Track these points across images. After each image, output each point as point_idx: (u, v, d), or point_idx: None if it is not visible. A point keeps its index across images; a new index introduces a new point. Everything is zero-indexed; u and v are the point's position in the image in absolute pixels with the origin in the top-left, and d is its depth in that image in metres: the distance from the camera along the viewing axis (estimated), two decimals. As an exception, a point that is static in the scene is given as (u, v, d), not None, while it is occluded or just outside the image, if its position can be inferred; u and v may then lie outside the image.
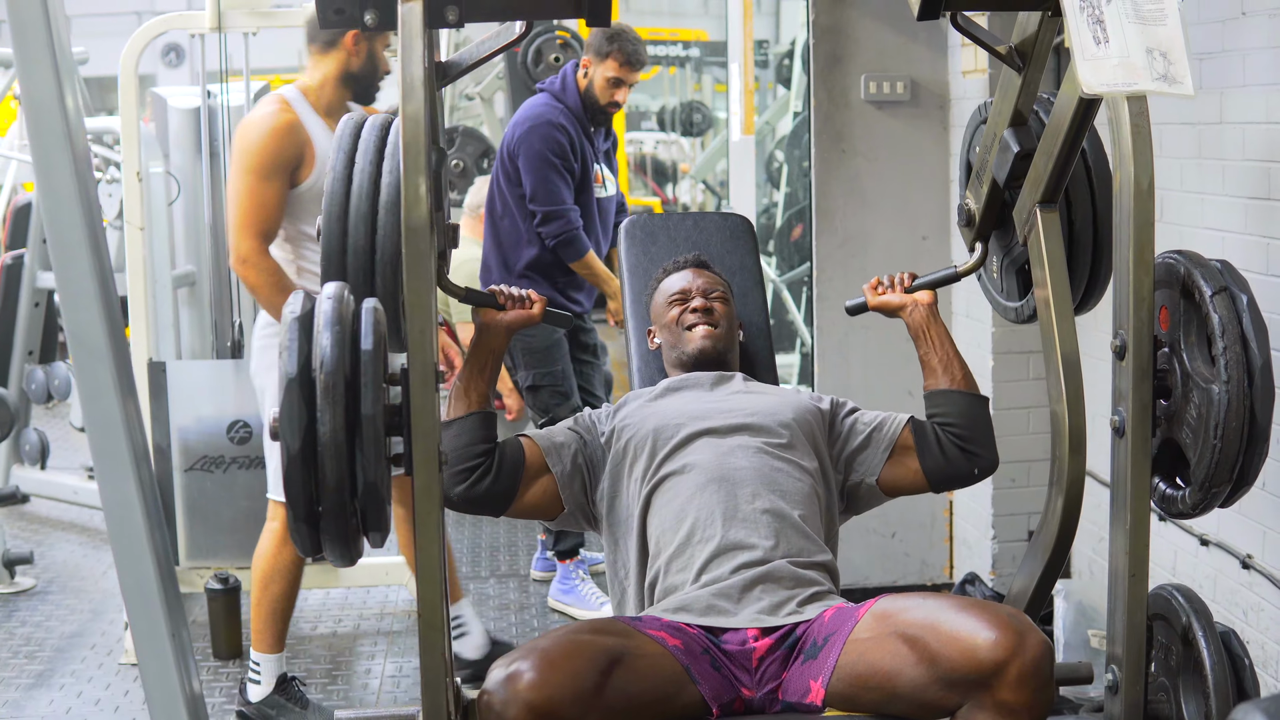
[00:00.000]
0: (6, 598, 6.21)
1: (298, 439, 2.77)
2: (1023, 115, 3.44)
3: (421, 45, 2.84)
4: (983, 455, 3.60)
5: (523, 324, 3.58)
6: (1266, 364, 2.98)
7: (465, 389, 3.52)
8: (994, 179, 3.52)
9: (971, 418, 3.60)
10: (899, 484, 3.61)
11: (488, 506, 3.51)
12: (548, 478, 3.51)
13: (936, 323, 3.66)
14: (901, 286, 3.71)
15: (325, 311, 2.86)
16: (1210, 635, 3.08)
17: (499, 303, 3.56)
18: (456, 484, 3.43)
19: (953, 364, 3.64)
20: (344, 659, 5.48)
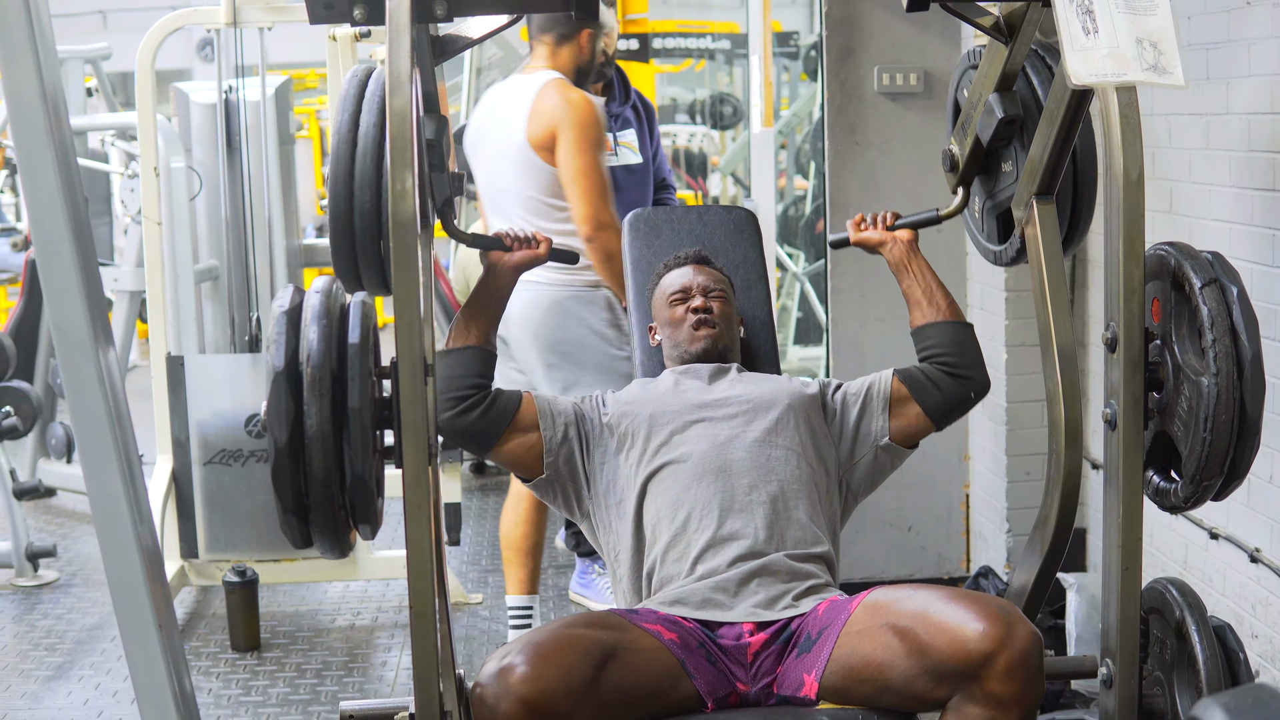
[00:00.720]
0: (29, 590, 6.26)
1: (285, 432, 2.80)
2: (1009, 80, 3.44)
3: (409, 39, 2.84)
4: (974, 377, 3.64)
5: (530, 263, 3.63)
6: (1257, 356, 2.96)
7: (467, 324, 3.57)
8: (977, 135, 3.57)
9: (959, 343, 3.64)
10: (908, 431, 3.64)
11: (471, 441, 3.57)
12: (535, 437, 3.54)
13: (917, 256, 3.73)
14: (884, 225, 3.78)
15: (313, 306, 2.88)
16: (1203, 629, 3.08)
17: (506, 244, 3.61)
18: (445, 410, 3.49)
19: (935, 294, 3.69)
20: (361, 651, 5.50)
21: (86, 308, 2.72)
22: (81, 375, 2.74)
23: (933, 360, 3.63)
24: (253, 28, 5.77)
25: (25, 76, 2.61)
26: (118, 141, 7.62)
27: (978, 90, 3.51)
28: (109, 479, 2.79)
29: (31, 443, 7.53)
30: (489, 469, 8.19)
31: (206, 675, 5.24)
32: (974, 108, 3.53)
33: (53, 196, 2.63)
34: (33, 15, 2.57)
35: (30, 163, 2.66)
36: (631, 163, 5.64)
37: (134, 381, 9.25)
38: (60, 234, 2.68)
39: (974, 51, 3.65)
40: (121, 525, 2.81)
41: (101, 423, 2.77)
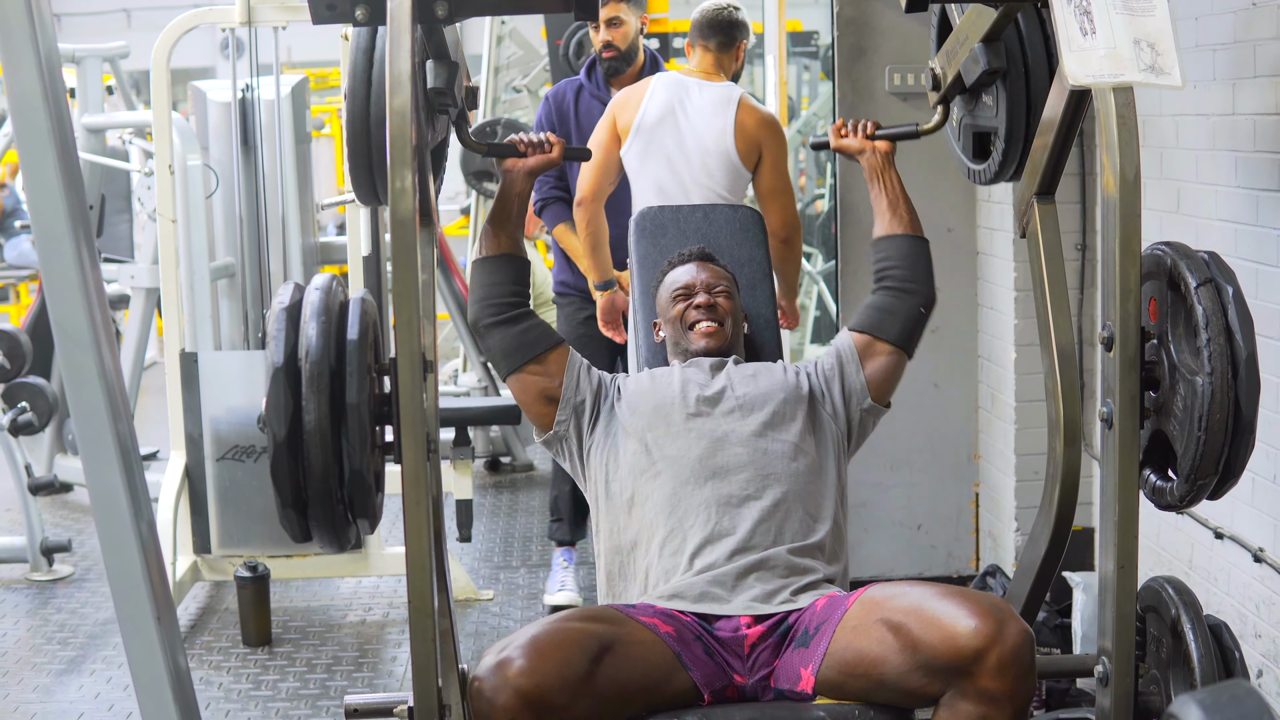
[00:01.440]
0: (44, 585, 6.30)
1: (284, 427, 2.82)
2: (997, 32, 3.45)
3: (409, 40, 2.87)
4: (919, 290, 3.72)
5: (544, 167, 3.70)
6: (1252, 356, 2.97)
7: (495, 232, 3.66)
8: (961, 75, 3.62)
9: (910, 255, 3.73)
10: (884, 377, 3.69)
11: (497, 355, 3.65)
12: (554, 384, 3.62)
13: (891, 168, 3.80)
14: (864, 133, 3.82)
15: (312, 302, 2.91)
16: (1198, 628, 3.08)
17: (520, 150, 3.68)
18: (485, 316, 3.61)
19: (899, 205, 3.78)
20: (372, 646, 5.53)
21: (86, 304, 2.75)
22: (81, 371, 2.77)
23: (882, 275, 3.72)
24: (268, 27, 5.80)
25: (27, 75, 2.63)
26: (136, 140, 7.66)
27: (964, 31, 3.51)
28: (109, 474, 2.82)
29: (48, 438, 7.58)
30: (502, 466, 8.21)
31: (217, 669, 5.27)
32: (960, 45, 3.55)
33: (54, 194, 2.66)
34: (34, 14, 2.60)
35: (32, 161, 2.68)
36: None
37: (151, 378, 9.29)
38: (61, 231, 2.71)
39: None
40: (120, 519, 2.84)
41: (101, 418, 2.80)
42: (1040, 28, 3.50)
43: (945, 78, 3.69)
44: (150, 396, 9.03)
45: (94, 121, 7.63)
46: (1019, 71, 3.52)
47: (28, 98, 2.64)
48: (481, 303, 3.62)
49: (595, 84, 5.66)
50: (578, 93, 5.67)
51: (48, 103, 2.65)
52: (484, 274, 3.64)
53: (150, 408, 8.98)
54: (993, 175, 3.70)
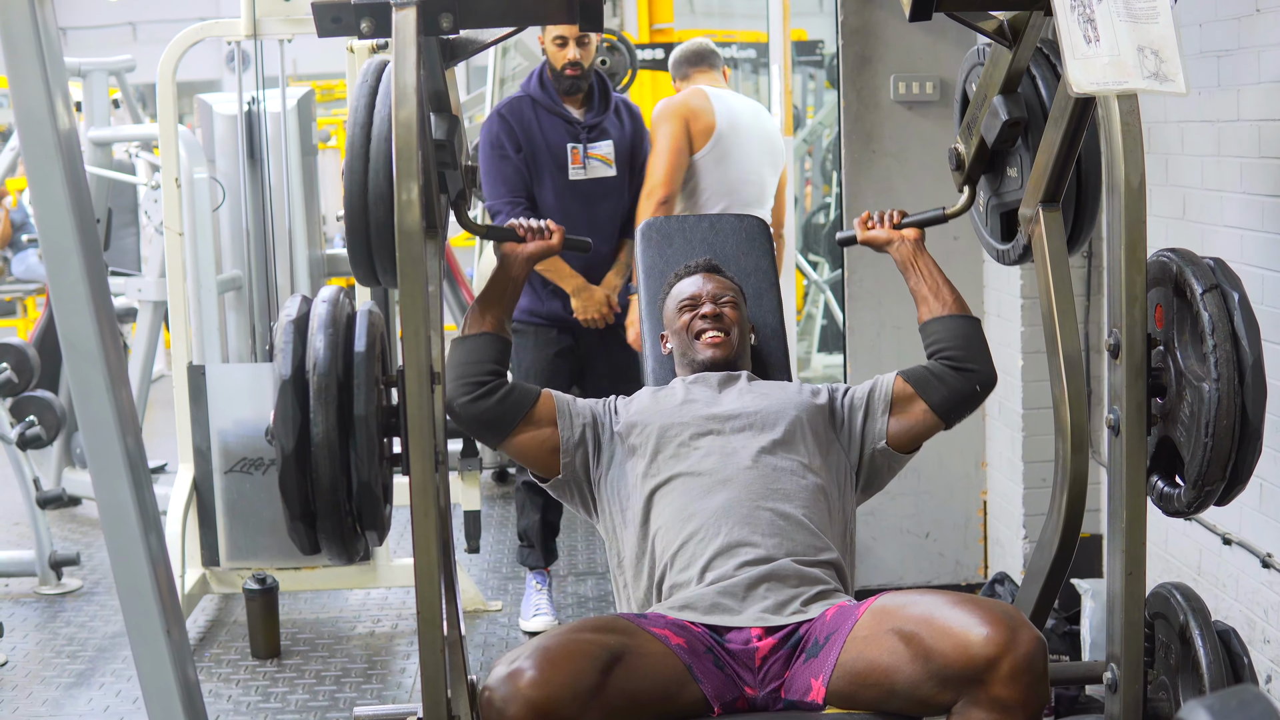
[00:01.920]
0: (53, 598, 6.30)
1: (292, 440, 2.83)
2: (1014, 82, 3.45)
3: (415, 52, 2.88)
4: (979, 370, 3.64)
5: (543, 254, 3.70)
6: (1258, 362, 2.97)
7: (482, 312, 3.63)
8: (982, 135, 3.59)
9: (964, 336, 3.66)
10: (911, 432, 3.64)
11: (484, 429, 3.60)
12: (550, 433, 3.59)
13: (923, 254, 3.75)
14: (890, 223, 3.80)
15: (319, 315, 2.92)
16: (1207, 634, 3.08)
17: (519, 235, 3.68)
18: (461, 395, 3.54)
19: (942, 289, 3.71)
20: (380, 658, 5.53)
21: (95, 318, 2.75)
22: (90, 385, 2.77)
23: (938, 355, 3.64)
24: (273, 40, 5.82)
25: (33, 89, 2.64)
26: (143, 153, 7.67)
27: (982, 91, 3.53)
28: (118, 488, 2.82)
29: (56, 452, 7.59)
30: (510, 477, 8.21)
31: (226, 682, 5.28)
32: (979, 109, 3.55)
33: (61, 208, 2.67)
34: (40, 28, 2.60)
35: (39, 175, 2.69)
36: (603, 175, 5.65)
37: (158, 391, 9.30)
38: (68, 245, 2.71)
39: (980, 50, 3.67)
40: (130, 533, 2.84)
41: (110, 432, 2.80)
42: (1054, 72, 3.50)
43: (967, 155, 3.67)
44: (158, 409, 9.03)
45: (100, 135, 7.64)
46: (1040, 125, 3.51)
47: (34, 112, 2.64)
48: (456, 381, 3.55)
49: (550, 98, 5.60)
50: (534, 108, 5.60)
51: (54, 117, 2.66)
52: (462, 353, 3.58)
53: (158, 421, 8.99)
54: (1020, 253, 3.67)
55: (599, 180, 5.63)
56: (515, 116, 5.59)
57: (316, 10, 3.04)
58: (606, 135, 5.66)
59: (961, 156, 3.70)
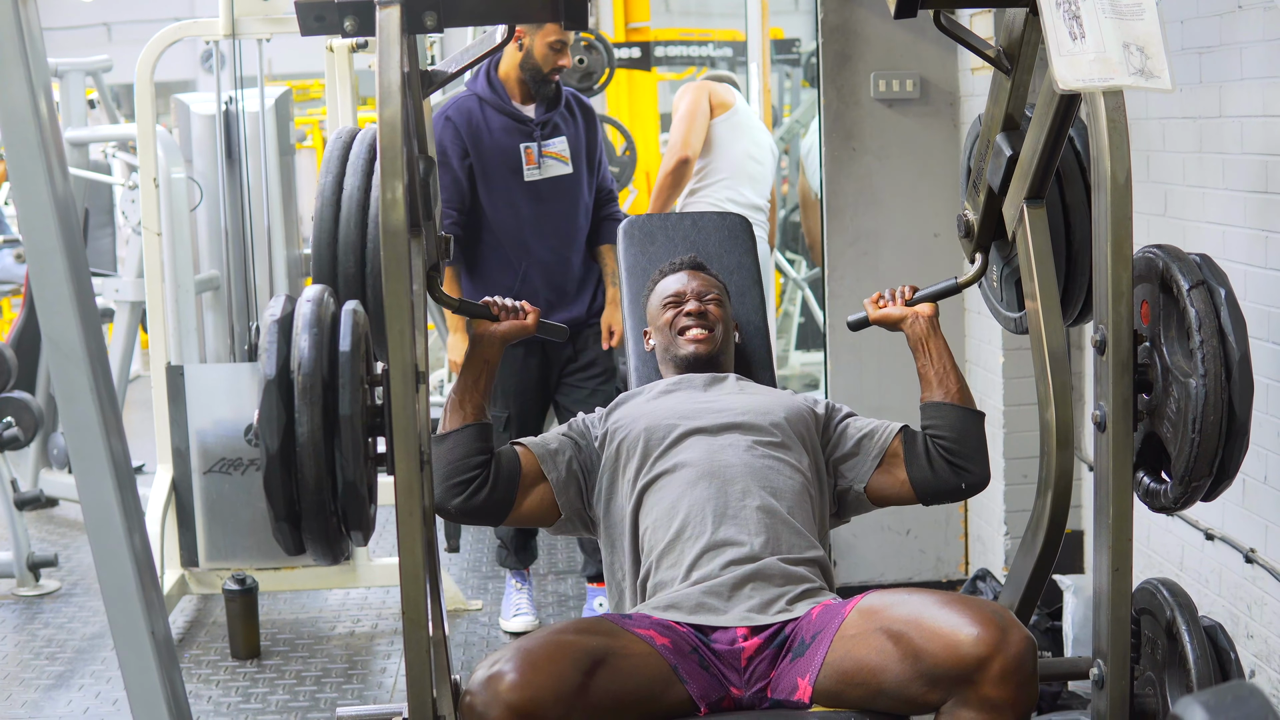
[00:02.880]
0: (30, 600, 6.28)
1: (277, 440, 2.81)
2: (1014, 119, 3.44)
3: (399, 50, 2.86)
4: (972, 471, 3.58)
5: (517, 335, 3.62)
6: (1245, 357, 2.97)
7: (460, 401, 3.54)
8: (990, 187, 3.52)
9: (963, 432, 3.58)
10: (886, 493, 3.62)
11: (486, 517, 3.54)
12: (544, 485, 3.54)
13: (936, 335, 3.66)
14: (903, 299, 3.71)
15: (304, 314, 2.90)
16: (1194, 629, 3.08)
17: (493, 314, 3.60)
18: (453, 496, 3.47)
19: (948, 378, 3.62)
20: (361, 658, 5.51)
21: (79, 319, 2.74)
22: (74, 386, 2.75)
23: (934, 440, 3.57)
24: (251, 39, 5.80)
25: (16, 89, 2.62)
26: (119, 153, 7.64)
27: (985, 137, 3.50)
28: (102, 488, 2.81)
29: (33, 453, 7.55)
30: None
31: (206, 683, 5.26)
32: (983, 158, 3.52)
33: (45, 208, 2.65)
34: (24, 28, 2.59)
35: (22, 175, 2.67)
36: (559, 174, 5.46)
37: (136, 392, 9.27)
38: (52, 246, 2.70)
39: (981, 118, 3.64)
40: (114, 534, 2.83)
41: (94, 432, 2.79)
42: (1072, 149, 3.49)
43: (976, 221, 3.62)
44: (136, 410, 9.00)
45: (77, 135, 7.61)
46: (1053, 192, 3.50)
47: (17, 112, 2.63)
48: (445, 484, 3.47)
49: (499, 96, 5.41)
50: (483, 108, 5.40)
51: (37, 117, 2.65)
52: (446, 452, 3.49)
53: (136, 421, 8.95)
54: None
55: (555, 179, 5.44)
56: (463, 119, 5.37)
57: (300, 9, 3.02)
58: (559, 131, 5.46)
59: (970, 225, 3.64)
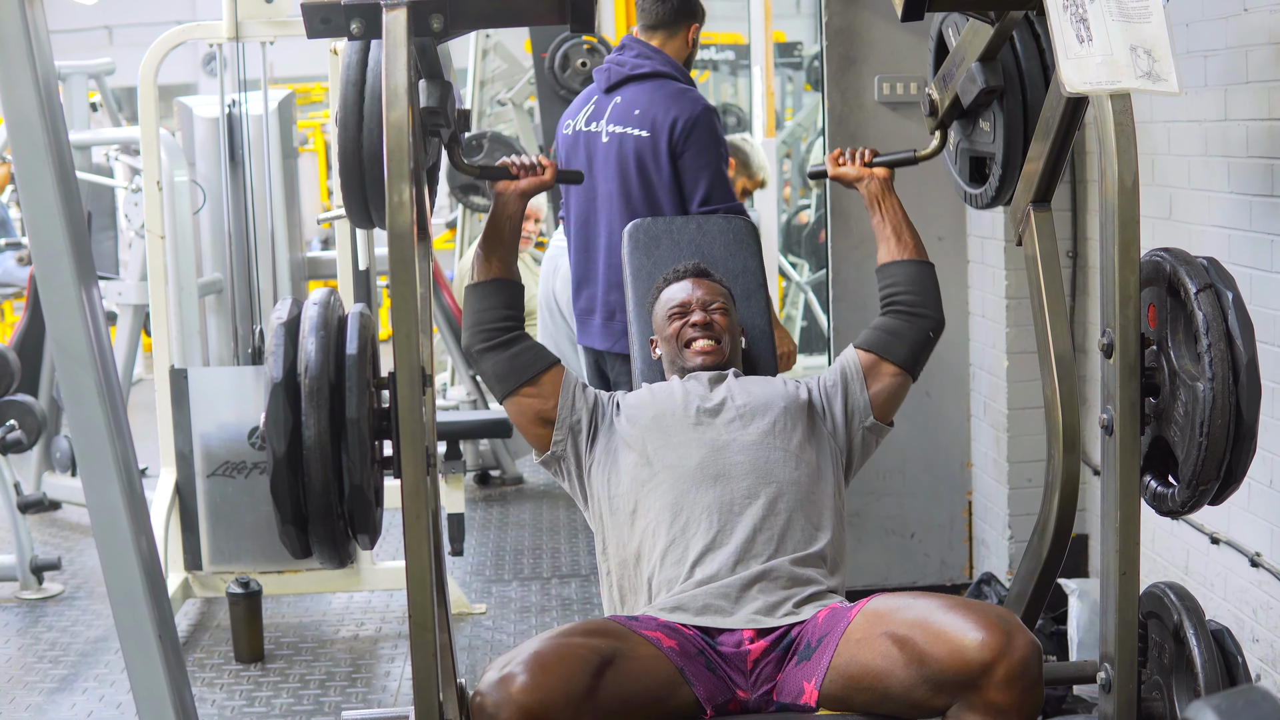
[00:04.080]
0: (34, 603, 6.27)
1: (283, 443, 2.81)
2: (993, 51, 3.45)
3: (405, 53, 2.86)
4: (930, 315, 3.72)
5: (536, 189, 3.73)
6: (1252, 361, 2.97)
7: (487, 257, 3.69)
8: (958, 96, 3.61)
9: (918, 281, 3.74)
10: (889, 395, 3.70)
11: (492, 380, 3.66)
12: (549, 405, 3.62)
13: (890, 195, 3.81)
14: (862, 161, 3.84)
15: (311, 317, 2.90)
16: (1201, 633, 3.08)
17: (512, 173, 3.71)
18: (477, 342, 3.63)
19: (904, 232, 3.78)
20: (365, 661, 5.51)
21: (85, 322, 2.74)
22: (81, 388, 2.75)
23: (893, 300, 3.71)
24: (255, 42, 5.79)
25: (23, 92, 2.62)
26: (122, 156, 7.64)
27: (960, 53, 3.52)
28: (109, 491, 2.81)
29: (36, 456, 7.55)
30: (492, 479, 8.20)
31: (210, 687, 5.25)
32: (956, 67, 3.55)
33: (51, 211, 2.65)
34: (31, 31, 2.58)
35: (29, 178, 2.67)
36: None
37: (139, 395, 9.28)
38: (59, 248, 2.70)
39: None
40: (121, 537, 2.83)
41: (101, 435, 2.79)
42: (1036, 45, 3.51)
43: (941, 103, 3.69)
44: (139, 413, 8.99)
45: (80, 138, 7.60)
46: (1016, 90, 3.53)
47: (25, 115, 2.63)
48: (474, 329, 3.63)
49: None
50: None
51: (45, 119, 2.64)
52: (476, 300, 3.65)
53: (139, 424, 8.89)
54: (990, 198, 3.72)
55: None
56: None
57: (306, 11, 3.03)
58: None
59: (935, 103, 3.75)
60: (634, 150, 4.79)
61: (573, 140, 4.98)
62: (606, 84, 4.96)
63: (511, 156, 3.74)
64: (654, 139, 4.77)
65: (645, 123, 4.81)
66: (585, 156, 4.90)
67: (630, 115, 4.85)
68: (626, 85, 4.92)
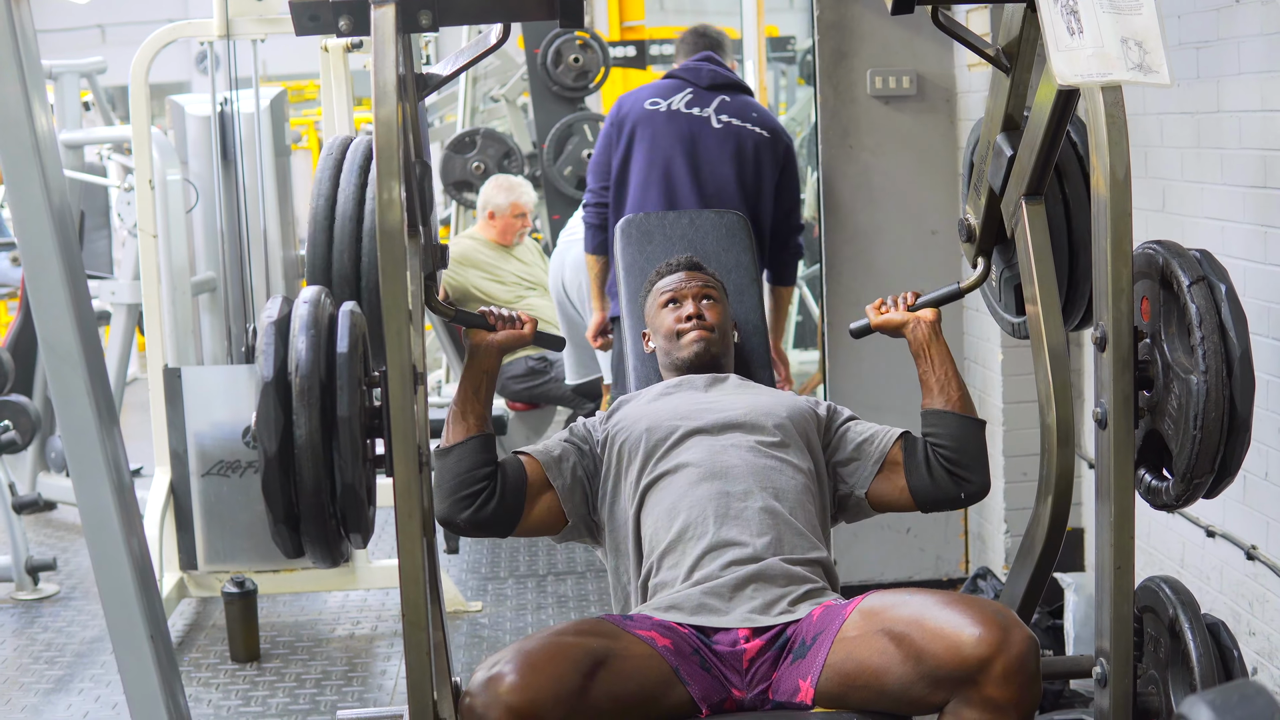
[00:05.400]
0: (29, 604, 6.26)
1: (275, 442, 2.80)
2: (1014, 119, 3.43)
3: (394, 50, 2.85)
4: (972, 480, 3.55)
5: (515, 344, 3.59)
6: (1246, 353, 2.96)
7: (462, 412, 3.51)
8: (991, 189, 3.51)
9: (963, 440, 3.55)
10: (886, 500, 3.59)
11: (495, 529, 3.51)
12: (550, 494, 3.51)
13: (938, 341, 3.62)
14: (905, 305, 3.67)
15: (301, 316, 2.89)
16: (1197, 627, 3.07)
17: (489, 324, 3.57)
18: (462, 509, 3.44)
19: (950, 385, 3.58)
20: (361, 660, 5.50)
21: (74, 321, 2.72)
22: (70, 389, 2.74)
23: (935, 448, 3.55)
24: (246, 40, 5.78)
25: (10, 92, 2.61)
26: (115, 155, 7.63)
27: (985, 139, 3.49)
28: (99, 491, 2.80)
29: (31, 456, 7.54)
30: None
31: (206, 686, 5.24)
32: (984, 160, 3.51)
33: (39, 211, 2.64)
34: (18, 31, 2.57)
35: (17, 178, 2.66)
36: None
37: (133, 394, 9.26)
38: (47, 248, 2.69)
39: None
40: (112, 537, 2.82)
41: (91, 435, 2.78)
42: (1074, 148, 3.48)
43: (978, 224, 3.60)
44: (132, 413, 8.99)
45: (72, 138, 7.60)
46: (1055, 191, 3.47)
47: (12, 115, 2.61)
48: (451, 498, 3.45)
49: None
50: None
51: (32, 119, 2.63)
52: (451, 465, 3.47)
53: (133, 424, 8.94)
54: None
55: None
56: None
57: (294, 8, 3.01)
58: None
59: (972, 228, 3.62)
60: (754, 145, 5.21)
61: (667, 117, 5.23)
62: (710, 81, 5.30)
63: (490, 307, 3.61)
64: (774, 143, 5.25)
65: (766, 126, 5.27)
66: (687, 134, 5.19)
67: (748, 114, 5.27)
68: (727, 89, 5.30)
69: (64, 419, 2.77)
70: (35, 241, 2.67)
